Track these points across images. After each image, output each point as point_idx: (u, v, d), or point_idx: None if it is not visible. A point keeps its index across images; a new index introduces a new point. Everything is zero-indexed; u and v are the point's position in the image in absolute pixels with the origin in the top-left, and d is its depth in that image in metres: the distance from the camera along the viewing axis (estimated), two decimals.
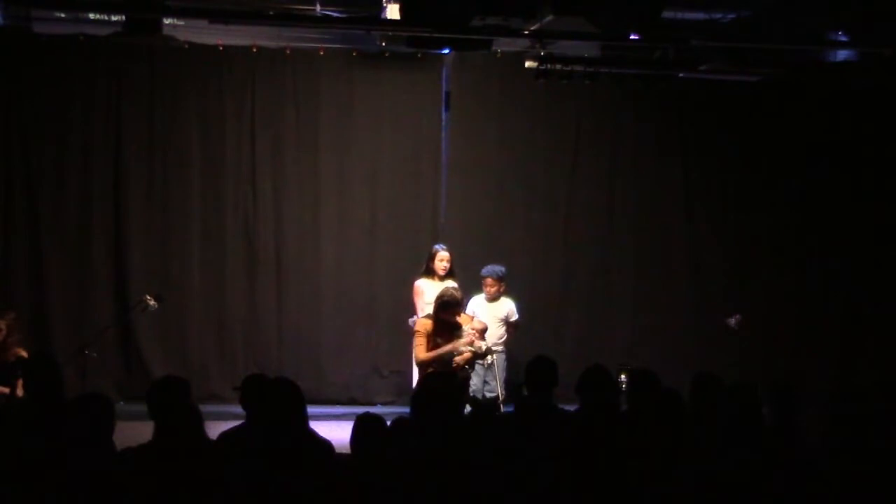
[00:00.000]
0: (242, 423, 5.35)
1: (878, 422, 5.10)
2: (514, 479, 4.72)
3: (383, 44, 10.24)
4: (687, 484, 4.79)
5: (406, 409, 5.14)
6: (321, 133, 10.82)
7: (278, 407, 4.82)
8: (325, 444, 4.89)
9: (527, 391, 5.78)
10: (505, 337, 9.21)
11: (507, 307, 9.26)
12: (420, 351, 7.67)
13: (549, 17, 8.50)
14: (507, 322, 9.24)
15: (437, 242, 9.82)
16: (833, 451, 4.96)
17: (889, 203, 11.38)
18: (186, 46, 10.37)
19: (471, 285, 10.37)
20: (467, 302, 8.81)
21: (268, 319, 10.74)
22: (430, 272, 9.05)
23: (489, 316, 9.01)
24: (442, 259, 9.03)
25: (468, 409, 6.96)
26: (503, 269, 9.28)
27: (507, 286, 9.31)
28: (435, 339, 7.72)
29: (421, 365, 7.73)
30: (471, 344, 7.72)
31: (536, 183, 11.19)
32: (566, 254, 11.24)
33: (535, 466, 4.83)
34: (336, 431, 7.45)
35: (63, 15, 9.90)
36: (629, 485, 4.80)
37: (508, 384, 8.67)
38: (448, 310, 7.78)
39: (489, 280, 9.19)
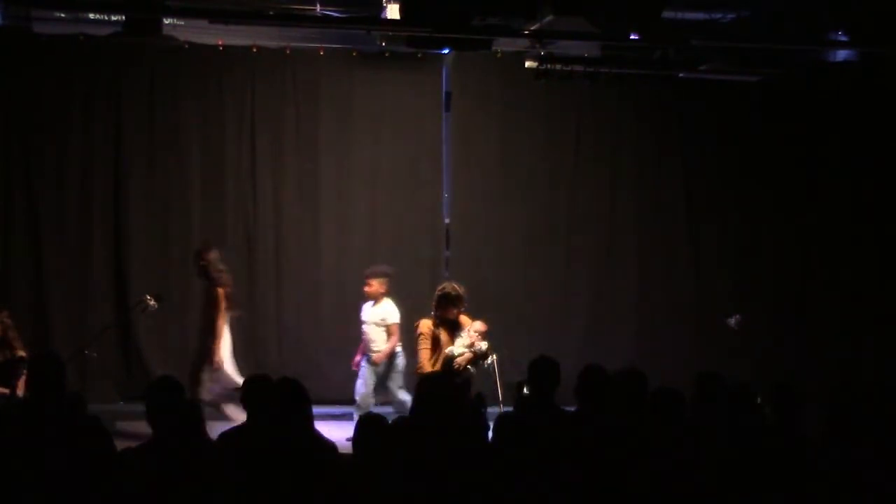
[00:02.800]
0: (243, 423, 5.35)
1: (878, 422, 5.10)
2: (514, 478, 4.72)
3: (383, 44, 10.23)
4: (687, 483, 4.79)
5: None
6: (321, 133, 10.82)
7: (283, 407, 4.83)
8: (329, 445, 4.90)
9: (528, 390, 5.79)
10: (377, 342, 8.90)
11: (384, 310, 8.94)
12: (424, 358, 7.72)
13: (549, 17, 8.52)
14: (385, 326, 8.88)
15: (439, 243, 9.69)
16: (833, 451, 4.96)
17: (889, 202, 11.38)
18: (186, 46, 10.36)
19: (472, 286, 10.35)
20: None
21: (268, 319, 10.73)
22: None
23: (367, 317, 8.90)
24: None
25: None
26: (386, 268, 9.02)
27: (391, 289, 9.02)
28: (436, 336, 7.75)
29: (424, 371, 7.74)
30: (471, 345, 7.74)
31: (537, 183, 11.18)
32: (567, 254, 11.23)
33: (535, 466, 4.84)
34: (336, 431, 7.48)
35: (63, 15, 9.90)
36: (629, 484, 4.80)
37: (506, 385, 8.63)
38: (447, 304, 7.78)
39: (368, 280, 8.92)
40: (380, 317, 8.90)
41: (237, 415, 8.19)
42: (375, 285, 8.93)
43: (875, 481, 4.76)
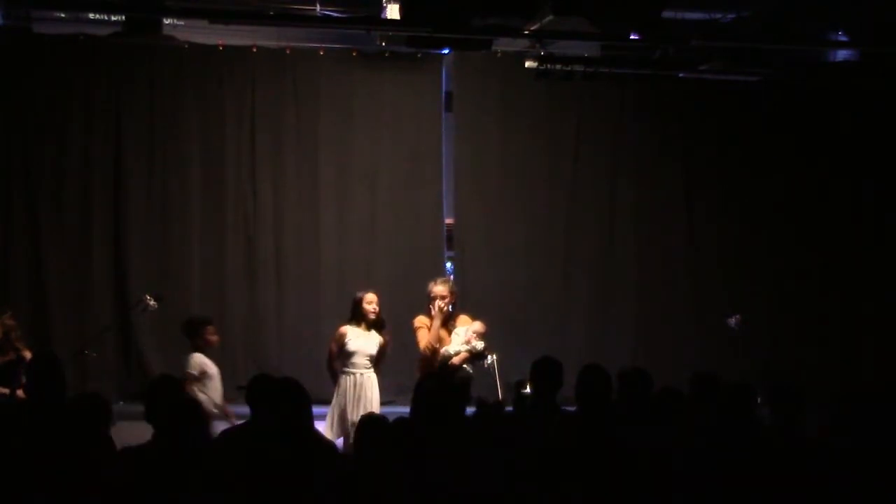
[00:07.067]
0: (244, 423, 5.35)
1: (879, 422, 5.09)
2: (515, 478, 4.72)
3: (383, 44, 10.23)
4: (685, 483, 4.79)
5: (406, 409, 5.15)
6: (321, 133, 10.82)
7: (283, 407, 4.83)
8: (329, 445, 4.90)
9: (531, 390, 5.78)
10: None
11: None
12: (423, 339, 7.80)
13: (549, 17, 8.51)
14: None
15: (439, 243, 9.71)
16: (834, 451, 4.96)
17: (889, 202, 11.39)
18: (186, 46, 10.37)
19: (471, 286, 10.41)
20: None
21: (268, 319, 10.73)
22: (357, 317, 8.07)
23: None
24: (370, 301, 8.10)
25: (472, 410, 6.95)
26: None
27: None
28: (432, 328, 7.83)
29: (424, 357, 7.82)
30: (468, 343, 7.77)
31: (537, 183, 11.18)
32: (567, 254, 11.22)
33: (535, 466, 4.84)
34: None
35: (63, 15, 9.91)
36: (628, 484, 4.80)
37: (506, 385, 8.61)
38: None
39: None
40: None
41: None
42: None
43: (875, 481, 4.76)
